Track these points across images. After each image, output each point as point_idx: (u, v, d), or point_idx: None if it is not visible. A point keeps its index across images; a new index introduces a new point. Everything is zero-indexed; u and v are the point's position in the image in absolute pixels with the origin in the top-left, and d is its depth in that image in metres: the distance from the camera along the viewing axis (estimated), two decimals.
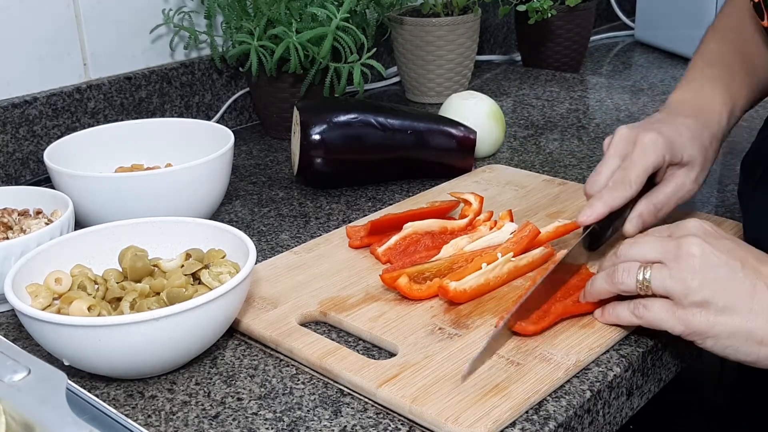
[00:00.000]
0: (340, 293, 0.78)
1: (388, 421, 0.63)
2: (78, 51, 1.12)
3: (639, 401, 0.73)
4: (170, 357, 0.67)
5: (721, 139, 0.83)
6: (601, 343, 0.70)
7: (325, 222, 0.96)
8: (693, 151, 0.79)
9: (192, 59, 1.23)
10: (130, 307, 0.70)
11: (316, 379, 0.69)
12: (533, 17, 1.42)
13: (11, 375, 0.52)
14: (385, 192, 1.04)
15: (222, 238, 0.76)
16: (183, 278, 0.71)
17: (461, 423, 0.60)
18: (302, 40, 1.11)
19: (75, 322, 0.63)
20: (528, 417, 0.63)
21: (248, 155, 1.19)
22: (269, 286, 0.80)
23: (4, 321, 0.79)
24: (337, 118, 1.01)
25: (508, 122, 1.25)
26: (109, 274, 0.75)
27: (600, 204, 0.76)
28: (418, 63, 1.35)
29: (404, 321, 0.73)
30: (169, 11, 1.18)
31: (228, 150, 0.91)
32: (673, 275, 0.65)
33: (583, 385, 0.66)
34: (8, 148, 1.05)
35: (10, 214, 0.82)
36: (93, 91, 1.12)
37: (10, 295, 0.66)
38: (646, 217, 0.79)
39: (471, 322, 0.73)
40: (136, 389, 0.68)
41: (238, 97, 1.29)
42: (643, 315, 0.67)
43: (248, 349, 0.73)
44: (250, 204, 1.02)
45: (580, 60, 1.57)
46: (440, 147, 1.04)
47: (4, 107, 1.04)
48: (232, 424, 0.64)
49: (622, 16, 1.90)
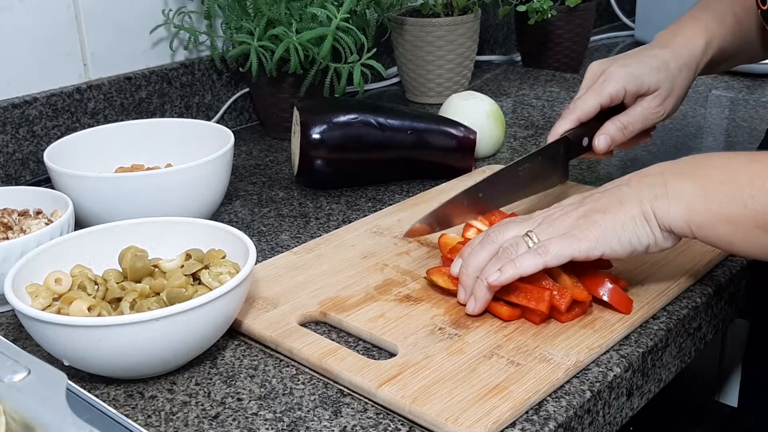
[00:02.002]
0: (340, 293, 0.78)
1: (388, 422, 0.63)
2: (78, 51, 1.12)
3: (639, 401, 0.73)
4: (170, 357, 0.67)
5: (694, 68, 0.88)
6: (601, 343, 0.70)
7: (325, 222, 0.96)
8: (657, 79, 0.86)
9: (192, 60, 1.23)
10: (130, 307, 0.70)
11: (316, 380, 0.69)
12: (533, 17, 1.42)
13: (11, 375, 0.52)
14: (385, 192, 1.04)
15: (222, 238, 0.76)
16: (183, 278, 0.71)
17: (461, 423, 0.60)
18: (302, 40, 1.11)
19: (75, 322, 0.63)
20: (528, 417, 0.63)
21: (248, 155, 1.19)
22: (269, 287, 0.80)
23: (4, 321, 0.79)
24: (337, 118, 1.01)
25: (508, 122, 1.25)
26: (109, 275, 0.75)
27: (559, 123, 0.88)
28: (418, 63, 1.35)
29: (404, 321, 0.73)
30: (169, 12, 1.18)
31: (228, 150, 0.91)
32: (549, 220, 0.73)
33: (583, 385, 0.66)
34: (8, 148, 1.05)
35: (10, 214, 0.82)
36: (93, 92, 1.12)
37: (10, 296, 0.66)
38: (614, 134, 0.87)
39: (471, 322, 0.73)
40: (136, 389, 0.68)
41: (238, 98, 1.29)
42: (547, 250, 0.69)
43: (248, 349, 0.73)
44: (250, 204, 1.02)
45: (580, 60, 1.57)
46: (440, 147, 1.04)
47: (4, 107, 1.04)
48: (232, 424, 0.64)
49: (622, 16, 1.90)
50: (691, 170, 0.69)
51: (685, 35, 0.88)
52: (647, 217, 0.68)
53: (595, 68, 0.88)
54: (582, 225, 0.70)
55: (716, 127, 1.23)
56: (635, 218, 0.69)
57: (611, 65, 0.87)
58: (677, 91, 0.87)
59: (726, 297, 0.82)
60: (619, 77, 0.85)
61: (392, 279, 0.80)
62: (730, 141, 1.17)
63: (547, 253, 0.69)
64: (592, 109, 0.86)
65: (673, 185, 0.68)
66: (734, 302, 0.84)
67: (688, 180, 0.68)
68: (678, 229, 0.68)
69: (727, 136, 1.19)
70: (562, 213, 0.73)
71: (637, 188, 0.70)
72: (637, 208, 0.69)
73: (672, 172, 0.69)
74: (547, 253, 0.69)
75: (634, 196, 0.69)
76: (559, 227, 0.71)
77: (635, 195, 0.69)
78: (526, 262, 0.70)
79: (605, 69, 0.87)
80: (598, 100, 0.86)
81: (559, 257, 0.69)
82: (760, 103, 1.32)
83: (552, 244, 0.69)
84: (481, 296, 0.72)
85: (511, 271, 0.70)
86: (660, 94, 0.86)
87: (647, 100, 0.86)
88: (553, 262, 0.69)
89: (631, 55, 0.88)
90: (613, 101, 0.86)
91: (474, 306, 0.72)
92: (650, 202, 0.68)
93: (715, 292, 0.79)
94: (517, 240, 0.72)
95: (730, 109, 1.30)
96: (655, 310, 0.75)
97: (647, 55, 0.87)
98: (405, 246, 0.87)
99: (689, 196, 0.67)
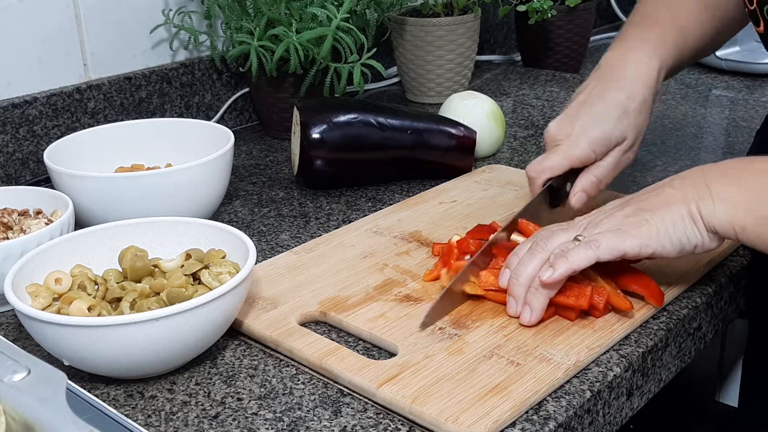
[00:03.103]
0: (340, 293, 0.78)
1: (388, 422, 0.63)
2: (78, 51, 1.12)
3: (639, 401, 0.73)
4: (170, 357, 0.67)
5: (651, 98, 0.87)
6: (601, 343, 0.70)
7: (325, 222, 0.96)
8: (622, 131, 0.85)
9: (192, 59, 1.23)
10: (130, 307, 0.70)
11: (316, 380, 0.69)
12: (533, 17, 1.42)
13: (11, 375, 0.52)
14: (385, 192, 1.04)
15: (222, 238, 0.76)
16: (183, 278, 0.71)
17: (461, 423, 0.60)
18: (302, 40, 1.11)
19: (75, 322, 0.63)
20: (528, 417, 0.63)
21: (248, 155, 1.19)
22: (269, 286, 0.80)
23: (4, 321, 0.79)
24: (337, 118, 1.01)
25: (508, 122, 1.25)
26: (109, 274, 0.75)
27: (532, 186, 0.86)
28: (418, 63, 1.35)
29: (404, 321, 0.73)
30: (169, 11, 1.18)
31: (228, 150, 0.91)
32: (594, 223, 0.72)
33: (583, 385, 0.66)
34: (8, 148, 1.05)
35: (10, 214, 0.82)
36: (93, 91, 1.12)
37: (10, 295, 0.66)
38: (589, 190, 0.85)
39: (471, 322, 0.73)
40: (136, 389, 0.68)
41: (238, 97, 1.29)
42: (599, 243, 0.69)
43: (248, 349, 0.73)
44: (250, 204, 1.02)
45: (580, 60, 1.57)
46: (440, 147, 1.04)
47: (4, 107, 1.04)
48: (232, 424, 0.64)
49: (622, 16, 1.90)
50: (734, 174, 0.69)
51: (636, 64, 0.86)
52: (694, 218, 0.68)
53: (554, 130, 0.86)
54: (633, 222, 0.70)
55: (716, 127, 1.23)
56: (684, 218, 0.69)
57: (572, 129, 0.84)
58: (642, 130, 0.86)
59: (726, 297, 0.82)
60: (586, 144, 0.84)
61: (392, 279, 0.80)
62: (730, 141, 1.17)
63: (599, 247, 0.69)
64: (562, 169, 0.85)
65: (716, 188, 0.68)
66: (734, 302, 0.84)
67: (732, 183, 0.68)
68: (722, 230, 0.68)
69: (727, 136, 1.19)
70: (605, 216, 0.72)
71: (681, 189, 0.70)
72: (684, 208, 0.69)
73: (715, 175, 0.70)
74: (599, 246, 0.69)
75: (679, 197, 0.69)
76: (607, 225, 0.71)
77: (681, 195, 0.69)
78: (579, 255, 0.69)
79: (569, 133, 0.85)
80: (568, 162, 0.84)
81: (612, 251, 0.69)
82: (760, 103, 1.32)
83: (604, 238, 0.69)
84: (537, 305, 0.71)
85: (564, 265, 0.69)
86: (627, 144, 0.85)
87: (616, 151, 0.85)
88: (605, 255, 0.69)
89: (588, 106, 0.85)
90: (582, 164, 0.85)
91: (530, 316, 0.71)
92: (696, 202, 0.68)
93: (715, 292, 0.80)
94: (567, 245, 0.71)
95: (730, 109, 1.30)
96: (655, 310, 0.75)
97: (604, 108, 0.84)
98: (405, 246, 0.87)
99: (734, 199, 0.68)
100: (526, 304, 0.71)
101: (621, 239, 0.69)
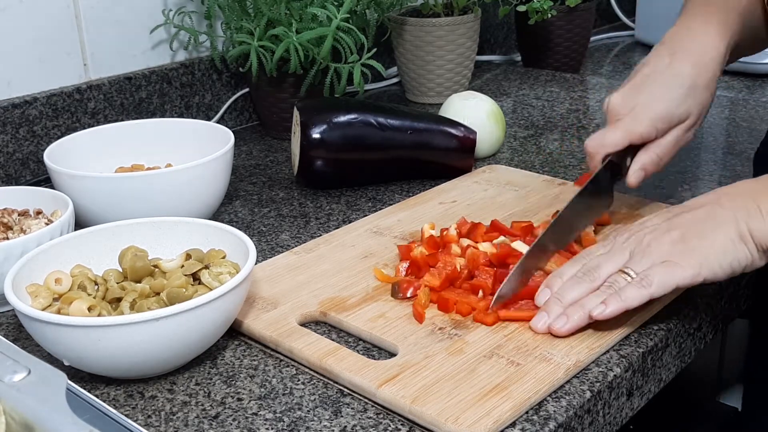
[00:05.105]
0: (340, 293, 0.78)
1: (388, 422, 0.63)
2: (78, 51, 1.12)
3: (639, 401, 0.73)
4: (170, 357, 0.67)
5: (717, 77, 0.84)
6: (601, 343, 0.70)
7: (325, 222, 0.96)
8: (687, 109, 0.82)
9: (192, 59, 1.23)
10: (130, 307, 0.70)
11: (316, 380, 0.69)
12: (533, 17, 1.42)
13: (11, 375, 0.52)
14: (385, 192, 1.04)
15: (222, 238, 0.76)
16: (183, 278, 0.71)
17: (461, 423, 0.60)
18: (302, 40, 1.11)
19: (75, 322, 0.63)
20: (528, 417, 0.63)
21: (248, 155, 1.19)
22: (269, 287, 0.80)
23: (4, 321, 0.79)
24: (337, 118, 1.01)
25: (508, 122, 1.25)
26: (109, 274, 0.75)
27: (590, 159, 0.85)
28: (418, 63, 1.35)
29: (404, 321, 0.73)
30: (169, 11, 1.18)
31: (228, 150, 0.91)
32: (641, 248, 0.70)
33: (583, 385, 0.66)
34: (8, 148, 1.05)
35: (10, 214, 0.82)
36: (93, 91, 1.12)
37: (10, 296, 0.66)
38: (649, 168, 0.84)
39: (471, 322, 0.73)
40: (136, 389, 0.68)
41: (238, 98, 1.29)
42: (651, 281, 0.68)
43: (248, 349, 0.73)
44: (250, 204, 1.02)
45: (580, 60, 1.57)
46: (440, 147, 1.04)
47: (4, 107, 1.04)
48: (232, 424, 0.64)
49: (622, 16, 1.90)
50: None
51: (705, 36, 0.83)
52: (744, 238, 0.67)
53: (618, 101, 0.83)
54: (681, 251, 0.68)
55: (716, 127, 1.23)
56: (734, 241, 0.67)
57: (636, 102, 0.82)
58: (705, 109, 0.84)
59: (726, 297, 0.82)
60: (649, 120, 0.82)
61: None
62: (730, 141, 1.17)
63: (651, 284, 0.67)
64: (622, 146, 0.83)
65: (766, 205, 0.67)
66: (734, 302, 0.84)
67: None
68: None
69: (727, 136, 1.19)
70: (652, 238, 0.70)
71: (730, 208, 0.68)
72: (734, 229, 0.67)
73: (762, 192, 0.69)
74: (652, 284, 0.67)
75: (728, 216, 0.68)
76: (655, 255, 0.69)
77: (730, 215, 0.68)
78: (632, 294, 0.68)
79: (633, 106, 0.82)
80: (628, 138, 0.82)
81: (665, 287, 0.68)
82: (760, 103, 1.32)
83: (655, 274, 0.68)
84: (577, 320, 0.69)
85: (617, 305, 0.68)
86: (690, 122, 0.83)
87: (678, 129, 0.83)
88: (658, 292, 0.68)
89: (653, 79, 0.83)
90: (643, 140, 0.83)
91: (566, 325, 0.70)
92: (746, 221, 0.67)
93: (715, 292, 0.79)
94: (616, 277, 0.70)
95: (730, 109, 1.30)
96: (655, 310, 0.74)
97: (672, 81, 0.82)
98: None
99: None
100: (564, 314, 0.70)
101: (672, 273, 0.67)
